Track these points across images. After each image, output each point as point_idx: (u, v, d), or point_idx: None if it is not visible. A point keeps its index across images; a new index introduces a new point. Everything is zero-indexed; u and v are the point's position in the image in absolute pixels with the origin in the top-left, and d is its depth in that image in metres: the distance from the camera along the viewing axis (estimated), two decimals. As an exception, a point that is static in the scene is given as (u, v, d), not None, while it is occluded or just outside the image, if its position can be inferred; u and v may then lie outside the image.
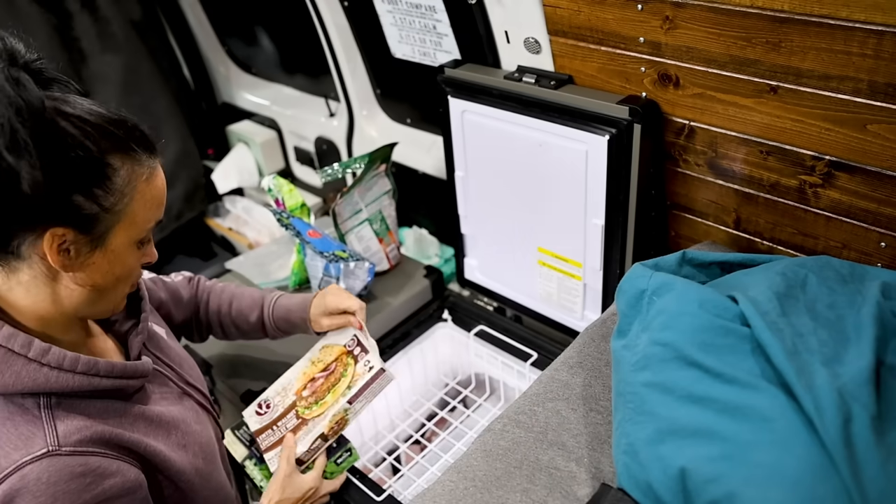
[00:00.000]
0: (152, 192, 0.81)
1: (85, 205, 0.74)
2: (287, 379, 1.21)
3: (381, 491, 1.19)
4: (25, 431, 0.75)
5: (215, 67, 2.44)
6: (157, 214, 0.84)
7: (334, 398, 1.13)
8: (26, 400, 0.78)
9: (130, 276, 0.86)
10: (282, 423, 1.15)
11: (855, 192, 1.00)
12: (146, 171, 0.80)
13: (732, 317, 0.80)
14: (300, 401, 1.16)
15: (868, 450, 0.65)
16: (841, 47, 0.89)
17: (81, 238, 0.76)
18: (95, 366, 0.82)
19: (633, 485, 0.78)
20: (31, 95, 0.69)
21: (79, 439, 0.77)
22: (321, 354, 1.21)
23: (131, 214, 0.79)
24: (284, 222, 1.47)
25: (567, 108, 1.23)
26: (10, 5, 1.90)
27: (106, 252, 0.79)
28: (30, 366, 0.77)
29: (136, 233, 0.81)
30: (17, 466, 0.73)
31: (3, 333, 0.76)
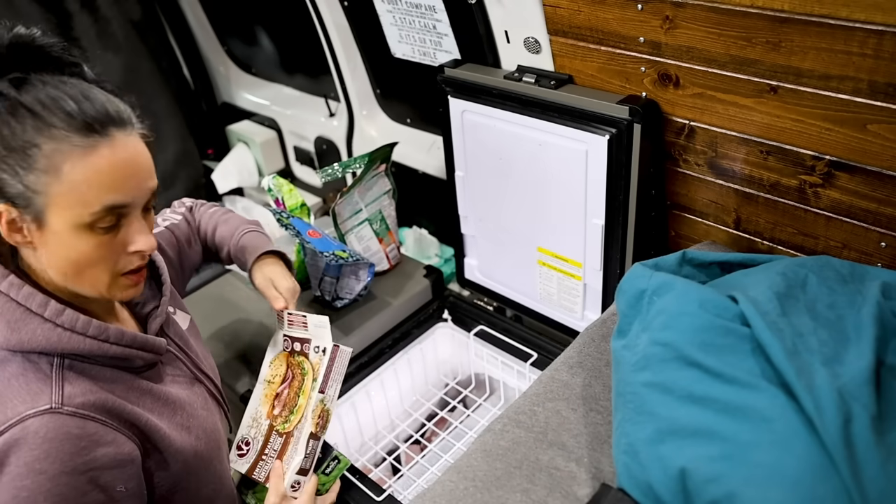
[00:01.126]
0: (85, 173, 0.76)
1: (10, 182, 0.76)
2: (252, 410, 1.19)
3: (381, 491, 1.19)
4: (35, 388, 0.79)
5: (215, 67, 2.44)
6: (103, 197, 0.78)
7: (306, 398, 1.12)
8: (41, 359, 0.81)
9: (97, 263, 0.82)
10: (269, 450, 1.13)
11: (855, 192, 1.00)
12: (74, 150, 0.76)
13: (732, 317, 0.80)
14: (275, 420, 1.14)
15: (868, 450, 0.65)
16: (841, 47, 0.89)
17: (25, 216, 0.78)
18: (105, 331, 0.84)
19: (633, 485, 0.78)
20: None
21: (82, 402, 0.80)
22: (271, 371, 1.20)
23: (60, 196, 0.76)
24: (284, 222, 1.47)
25: (567, 107, 1.23)
26: (9, 5, 1.90)
27: (50, 233, 0.79)
28: (45, 325, 0.80)
29: (76, 216, 0.77)
30: (20, 418, 0.76)
31: (24, 293, 0.80)
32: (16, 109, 0.75)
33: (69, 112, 0.76)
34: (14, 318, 0.80)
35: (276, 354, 1.21)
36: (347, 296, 1.52)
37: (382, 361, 1.49)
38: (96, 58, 2.09)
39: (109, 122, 0.78)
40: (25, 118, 0.75)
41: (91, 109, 0.77)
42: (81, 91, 0.78)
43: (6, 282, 0.81)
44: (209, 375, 1.06)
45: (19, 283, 0.80)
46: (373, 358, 1.49)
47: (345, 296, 1.52)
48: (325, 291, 1.53)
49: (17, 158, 0.75)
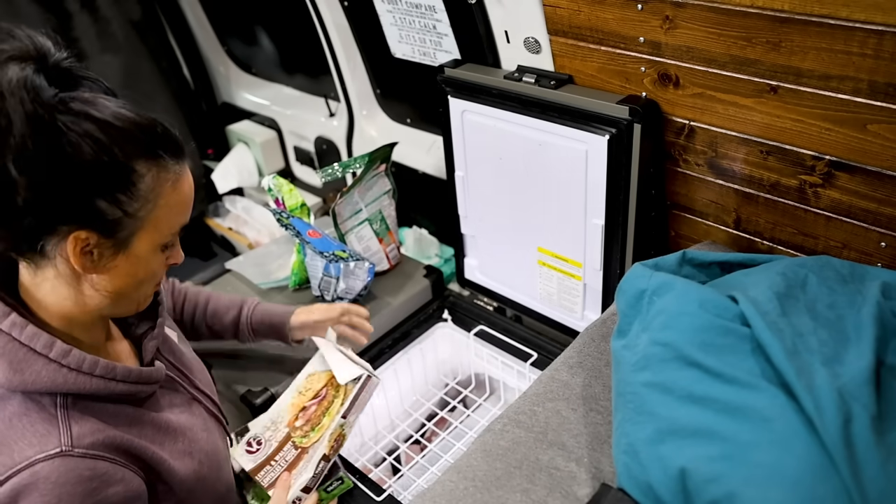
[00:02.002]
0: (178, 198, 0.81)
1: (108, 210, 0.75)
2: (275, 413, 1.17)
3: (381, 491, 1.19)
4: (41, 429, 0.77)
5: (215, 67, 2.44)
6: (182, 219, 0.84)
7: (330, 419, 1.10)
8: (43, 398, 0.79)
9: (154, 277, 0.87)
10: (279, 458, 1.11)
11: (855, 192, 1.00)
12: (172, 176, 0.80)
13: (732, 317, 0.80)
14: (294, 431, 1.13)
15: (868, 450, 0.65)
16: (841, 47, 0.89)
17: (104, 242, 0.77)
18: (113, 370, 0.83)
19: (633, 485, 0.78)
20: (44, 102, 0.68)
21: (91, 442, 0.78)
22: (307, 383, 1.18)
23: (155, 220, 0.79)
24: (284, 222, 1.47)
25: (567, 107, 1.23)
26: (9, 5, 1.90)
27: (129, 256, 0.80)
28: (50, 366, 0.78)
29: (161, 237, 0.82)
30: (29, 462, 0.74)
31: (27, 333, 0.78)
32: (108, 130, 0.72)
33: (164, 138, 0.78)
34: (17, 358, 0.77)
35: (318, 371, 1.19)
36: (347, 296, 1.52)
37: (382, 361, 1.49)
38: (96, 58, 2.09)
39: (183, 149, 0.83)
40: (124, 143, 0.74)
41: (173, 135, 0.81)
42: (149, 113, 0.79)
43: (8, 321, 0.78)
44: (205, 392, 1.05)
45: (22, 323, 0.78)
46: (373, 358, 1.49)
47: (345, 296, 1.52)
48: (325, 291, 1.53)
49: (118, 186, 0.75)
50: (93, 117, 0.72)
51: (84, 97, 0.73)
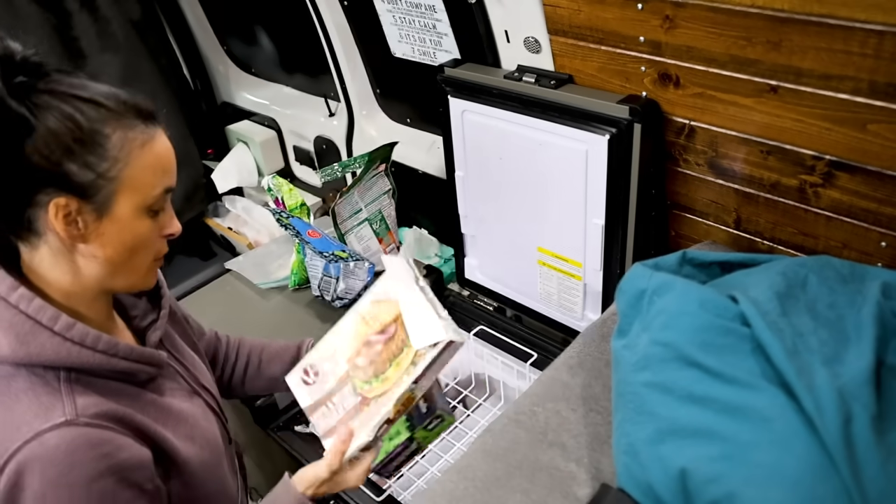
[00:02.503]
0: (151, 158, 0.82)
1: (79, 172, 0.77)
2: (335, 340, 1.00)
3: (381, 491, 1.19)
4: (46, 402, 0.78)
5: (215, 67, 2.44)
6: (162, 181, 0.84)
7: (397, 374, 0.93)
8: (47, 373, 0.80)
9: (147, 246, 0.86)
10: (337, 401, 0.97)
11: (855, 192, 1.00)
12: (141, 136, 0.81)
13: (733, 317, 0.80)
14: (355, 371, 0.97)
15: (868, 450, 0.65)
16: (841, 47, 0.89)
17: (85, 207, 0.79)
18: (115, 346, 0.84)
19: (633, 485, 0.78)
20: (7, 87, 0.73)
21: (95, 412, 0.80)
22: (373, 310, 0.98)
23: (130, 179, 0.80)
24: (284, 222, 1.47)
25: (567, 107, 1.23)
26: (9, 5, 1.89)
27: (113, 221, 0.81)
28: (54, 339, 0.80)
29: (141, 199, 0.82)
30: (36, 434, 0.75)
31: (35, 306, 0.80)
32: (74, 101, 0.77)
33: (129, 103, 0.82)
34: (24, 330, 0.79)
35: (387, 299, 0.97)
36: (347, 296, 1.52)
37: (382, 361, 1.49)
38: (96, 58, 2.09)
39: (154, 116, 0.85)
40: (89, 108, 0.78)
41: (142, 101, 0.84)
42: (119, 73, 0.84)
43: (16, 294, 0.80)
44: (207, 388, 1.05)
45: (30, 296, 0.80)
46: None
47: (345, 296, 1.52)
48: (325, 291, 1.53)
49: (86, 148, 0.77)
50: (57, 92, 0.77)
51: (52, 79, 0.78)
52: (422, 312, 0.93)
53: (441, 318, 0.92)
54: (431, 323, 0.91)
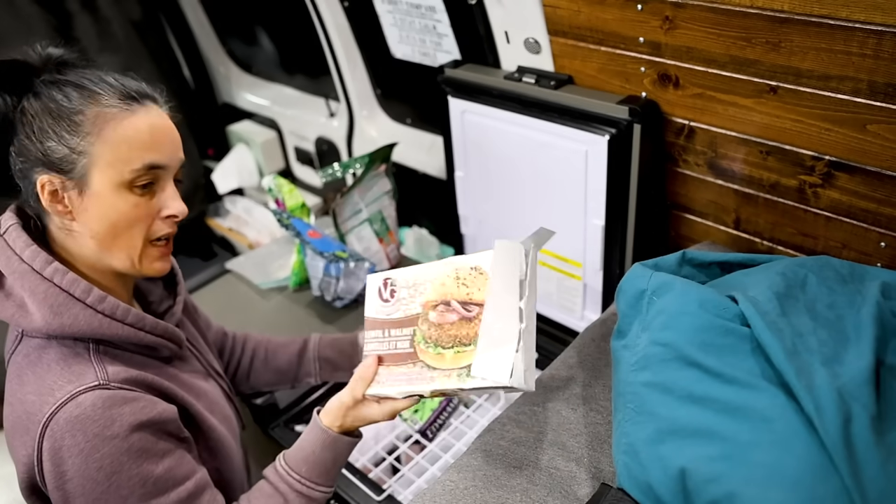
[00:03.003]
0: (126, 132, 0.83)
1: (56, 148, 0.82)
2: (421, 275, 0.89)
3: (381, 491, 1.19)
4: (77, 369, 0.82)
5: (215, 67, 2.44)
6: (141, 155, 0.84)
7: (453, 364, 0.82)
8: (77, 344, 0.84)
9: (136, 224, 0.86)
10: (394, 335, 0.89)
11: (855, 192, 1.01)
12: (118, 112, 0.83)
13: (732, 317, 0.80)
14: (422, 321, 0.86)
15: (868, 450, 0.65)
16: (841, 47, 0.89)
17: (68, 184, 0.83)
18: (143, 319, 0.88)
19: (633, 485, 0.78)
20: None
21: (126, 377, 0.83)
22: (470, 276, 0.84)
23: (104, 154, 0.82)
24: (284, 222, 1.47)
25: (567, 108, 1.23)
26: (10, 5, 1.90)
27: (92, 196, 0.83)
28: (87, 311, 0.83)
29: (117, 173, 0.83)
30: (71, 395, 0.79)
31: (68, 279, 0.83)
32: (61, 86, 0.83)
33: (111, 84, 0.84)
34: (57, 302, 0.82)
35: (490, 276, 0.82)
36: (347, 296, 1.52)
37: (382, 361, 1.49)
38: (96, 58, 2.09)
39: (146, 96, 0.87)
40: (71, 91, 0.83)
41: (131, 83, 0.86)
42: (119, 75, 0.87)
43: (51, 268, 0.83)
44: (221, 374, 1.09)
45: (63, 270, 0.84)
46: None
47: (345, 296, 1.52)
48: (325, 291, 1.53)
49: (63, 125, 0.82)
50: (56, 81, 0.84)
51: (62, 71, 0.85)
52: (503, 335, 0.78)
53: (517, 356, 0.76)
54: (505, 354, 0.76)
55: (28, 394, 0.81)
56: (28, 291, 0.83)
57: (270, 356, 1.27)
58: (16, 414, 0.82)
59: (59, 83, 0.83)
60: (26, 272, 0.83)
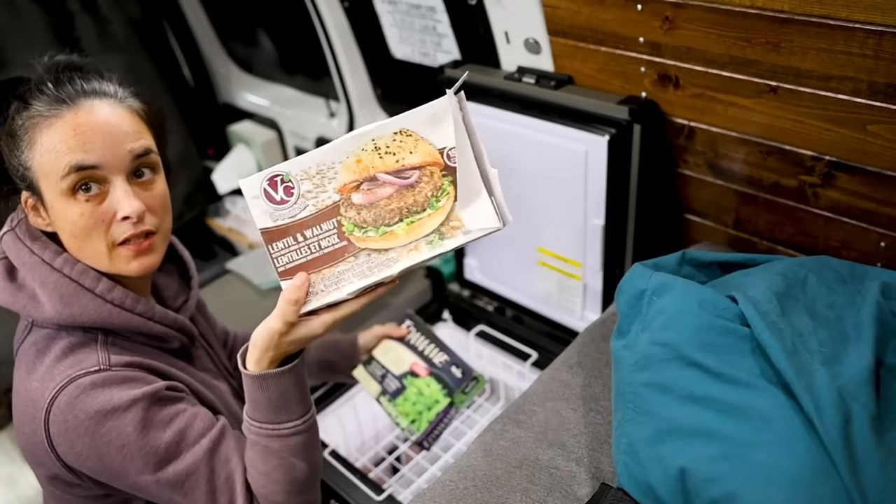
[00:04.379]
0: (52, 139, 0.81)
1: (11, 166, 0.85)
2: (323, 159, 0.73)
3: (381, 491, 1.19)
4: (82, 356, 0.84)
5: (215, 67, 2.44)
6: (65, 158, 0.80)
7: (411, 237, 0.73)
8: (86, 334, 0.86)
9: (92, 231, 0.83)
10: (310, 236, 0.74)
11: (855, 193, 1.01)
12: (41, 119, 0.82)
13: (732, 317, 0.80)
14: (346, 208, 0.74)
15: (868, 450, 0.65)
16: (841, 47, 0.89)
17: (35, 199, 0.85)
18: (152, 309, 0.89)
19: (633, 485, 0.78)
20: None
21: (128, 362, 0.85)
22: (395, 143, 0.74)
23: (40, 165, 0.82)
24: (284, 222, 1.47)
25: (567, 108, 1.23)
26: (10, 5, 1.89)
27: (50, 209, 0.85)
28: (96, 300, 0.85)
29: (54, 183, 0.82)
30: (70, 378, 0.80)
31: (77, 269, 0.85)
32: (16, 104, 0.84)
33: (45, 91, 0.83)
34: (67, 292, 0.84)
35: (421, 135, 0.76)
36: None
37: (382, 361, 1.49)
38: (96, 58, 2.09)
39: (80, 95, 0.84)
40: (15, 104, 0.84)
41: (66, 87, 0.84)
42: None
43: (61, 258, 0.85)
44: (231, 374, 1.10)
45: (73, 260, 0.85)
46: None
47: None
48: (326, 291, 1.53)
49: (12, 142, 0.84)
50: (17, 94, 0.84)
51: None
52: (473, 182, 0.73)
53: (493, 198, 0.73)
54: (483, 202, 0.73)
55: (33, 381, 0.83)
56: (39, 282, 0.84)
57: None
58: (22, 402, 0.84)
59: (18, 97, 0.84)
60: (37, 263, 0.85)
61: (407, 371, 1.28)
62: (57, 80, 0.84)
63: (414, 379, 1.28)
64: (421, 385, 1.27)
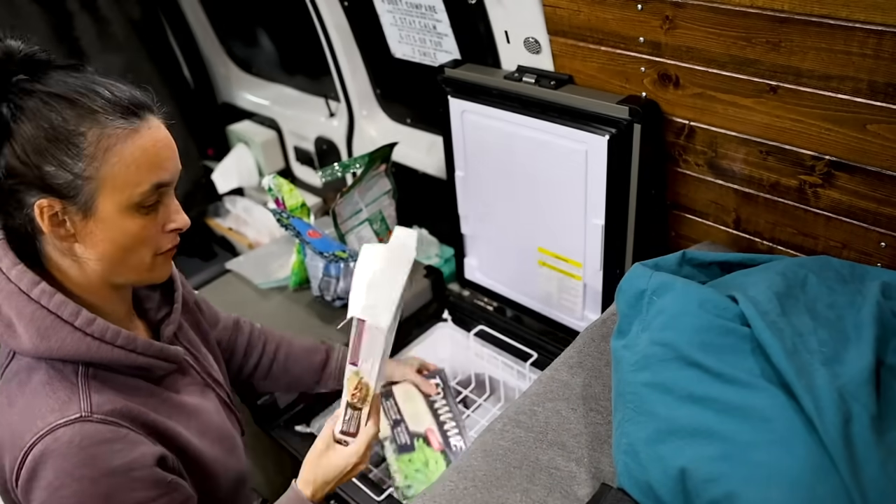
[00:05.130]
0: (133, 153, 0.79)
1: (56, 174, 0.77)
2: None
3: (382, 491, 1.19)
4: (63, 396, 0.79)
5: (215, 67, 2.44)
6: (149, 176, 0.81)
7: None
8: (66, 367, 0.82)
9: (142, 244, 0.84)
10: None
11: (855, 192, 1.01)
12: (121, 131, 0.78)
13: (732, 317, 0.80)
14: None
15: (868, 450, 0.65)
16: (841, 47, 0.89)
17: (70, 208, 0.79)
18: (134, 341, 0.85)
19: (633, 485, 0.78)
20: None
21: (111, 409, 0.81)
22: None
23: (110, 178, 0.78)
24: (284, 222, 1.47)
25: (567, 108, 1.23)
26: (10, 5, 1.90)
27: (98, 220, 0.80)
28: (75, 334, 0.81)
29: (126, 197, 0.80)
30: (51, 428, 0.77)
31: (55, 301, 0.81)
32: (49, 101, 0.76)
33: (107, 98, 0.79)
34: (44, 325, 0.80)
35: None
36: (347, 296, 1.52)
37: (382, 361, 1.49)
38: (96, 58, 2.09)
39: (143, 107, 0.82)
40: (63, 108, 0.76)
41: (125, 95, 0.81)
42: (107, 80, 0.81)
43: (38, 289, 0.80)
44: (220, 381, 1.05)
45: (51, 291, 0.81)
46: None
47: (345, 296, 1.52)
48: (326, 291, 1.53)
49: (62, 148, 0.76)
50: (35, 91, 0.76)
51: (41, 78, 0.78)
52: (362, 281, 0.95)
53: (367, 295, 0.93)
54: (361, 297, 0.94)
55: (14, 415, 0.80)
56: (15, 312, 0.80)
57: (291, 362, 1.25)
58: (2, 430, 0.81)
59: (42, 95, 0.76)
60: (13, 292, 0.80)
61: (422, 433, 1.32)
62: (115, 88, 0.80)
63: (425, 446, 1.30)
64: (430, 456, 1.29)
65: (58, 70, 0.80)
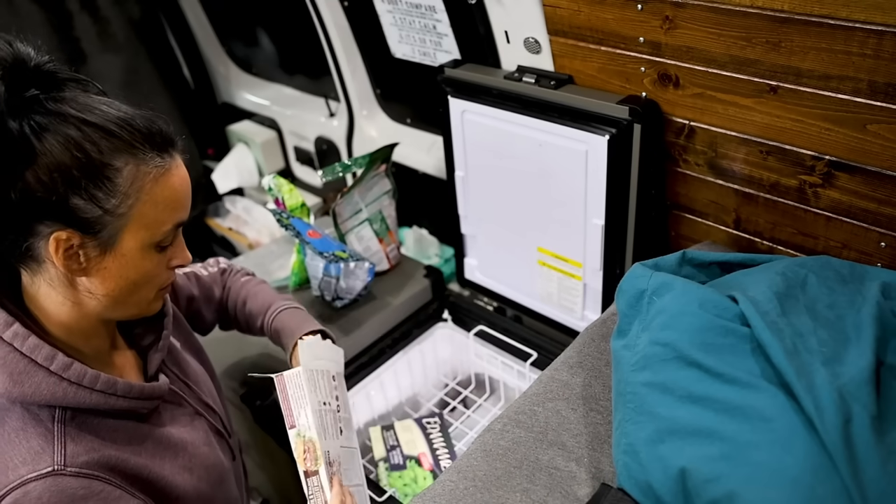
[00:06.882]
0: (164, 193, 0.77)
1: (85, 207, 0.72)
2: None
3: (382, 491, 1.19)
4: (36, 446, 0.75)
5: (215, 67, 2.44)
6: (173, 216, 0.80)
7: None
8: (42, 411, 0.77)
9: (153, 280, 0.83)
10: None
11: (855, 192, 1.01)
12: (155, 170, 0.76)
13: (732, 317, 0.80)
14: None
15: (868, 450, 0.65)
16: (841, 47, 0.89)
17: (89, 242, 0.75)
18: (114, 385, 0.80)
19: (633, 485, 0.78)
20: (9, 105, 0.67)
21: (86, 461, 0.76)
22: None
23: (140, 217, 0.76)
24: (284, 222, 1.47)
25: (567, 108, 1.23)
26: (10, 5, 1.89)
27: (117, 256, 0.77)
28: (50, 378, 0.76)
29: (149, 236, 0.78)
30: (21, 482, 0.72)
31: (29, 344, 0.76)
32: (83, 128, 0.71)
33: (144, 132, 0.76)
34: (17, 370, 0.75)
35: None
36: (347, 296, 1.52)
37: (382, 362, 1.49)
38: (96, 58, 2.09)
39: (171, 143, 0.79)
40: (99, 138, 0.72)
41: (159, 129, 0.78)
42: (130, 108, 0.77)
43: (10, 331, 0.75)
44: (210, 405, 1.02)
45: (25, 333, 0.76)
46: (373, 358, 1.49)
47: (345, 296, 1.52)
48: (326, 291, 1.53)
49: (94, 182, 0.72)
50: (67, 115, 0.71)
51: (62, 97, 0.72)
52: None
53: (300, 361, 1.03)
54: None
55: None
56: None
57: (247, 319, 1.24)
58: None
59: (75, 120, 0.71)
60: None
61: (415, 456, 1.38)
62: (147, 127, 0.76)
63: (416, 466, 1.37)
64: (419, 474, 1.36)
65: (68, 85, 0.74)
